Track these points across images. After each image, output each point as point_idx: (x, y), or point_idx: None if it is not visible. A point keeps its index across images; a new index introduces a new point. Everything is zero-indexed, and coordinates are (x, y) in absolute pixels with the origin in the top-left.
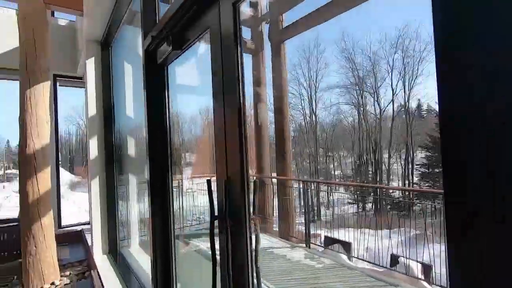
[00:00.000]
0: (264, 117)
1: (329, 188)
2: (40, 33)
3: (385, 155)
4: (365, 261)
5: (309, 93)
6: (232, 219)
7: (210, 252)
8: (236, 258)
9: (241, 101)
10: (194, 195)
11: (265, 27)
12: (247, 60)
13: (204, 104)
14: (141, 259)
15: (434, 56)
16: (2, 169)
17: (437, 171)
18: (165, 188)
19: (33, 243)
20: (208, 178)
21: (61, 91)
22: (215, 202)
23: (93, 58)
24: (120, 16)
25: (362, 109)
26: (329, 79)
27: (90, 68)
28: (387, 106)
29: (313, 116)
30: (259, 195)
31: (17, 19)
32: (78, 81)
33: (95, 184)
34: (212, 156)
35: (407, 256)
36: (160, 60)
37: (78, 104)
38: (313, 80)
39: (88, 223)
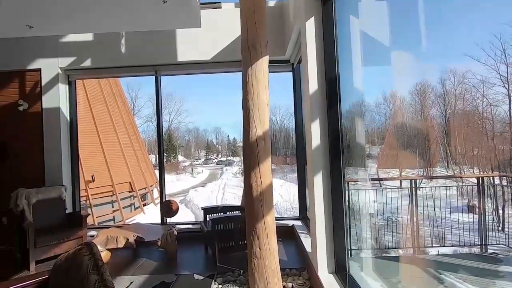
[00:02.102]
0: None
1: None
2: (258, 3)
3: None
4: None
5: None
6: None
7: None
8: None
9: None
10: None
11: None
12: None
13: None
14: None
15: None
16: (225, 156)
17: None
18: None
19: (258, 244)
20: None
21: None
22: None
23: (312, 18)
24: None
25: None
26: None
27: (310, 31)
28: None
29: None
30: None
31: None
32: (286, 64)
33: (318, 182)
34: None
35: None
36: None
37: (271, 102)
38: None
39: (297, 218)
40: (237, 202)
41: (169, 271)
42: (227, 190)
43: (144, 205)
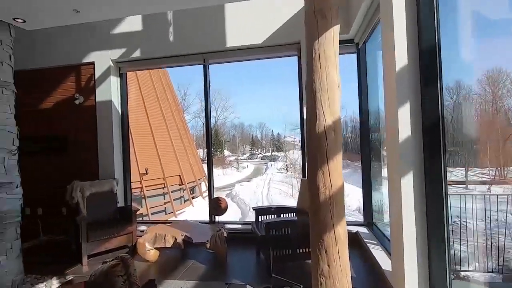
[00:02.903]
0: None
1: None
2: None
3: None
4: None
5: None
6: None
7: None
8: None
9: None
10: None
11: None
12: None
13: None
14: None
15: None
16: (270, 151)
17: None
18: None
19: (326, 260)
20: None
21: None
22: None
23: None
24: None
25: None
26: None
27: None
28: None
29: None
30: None
31: None
32: (349, 45)
33: (407, 184)
34: None
35: None
36: None
37: None
38: None
39: (361, 224)
40: (283, 198)
41: (219, 278)
42: (272, 185)
43: (193, 198)
